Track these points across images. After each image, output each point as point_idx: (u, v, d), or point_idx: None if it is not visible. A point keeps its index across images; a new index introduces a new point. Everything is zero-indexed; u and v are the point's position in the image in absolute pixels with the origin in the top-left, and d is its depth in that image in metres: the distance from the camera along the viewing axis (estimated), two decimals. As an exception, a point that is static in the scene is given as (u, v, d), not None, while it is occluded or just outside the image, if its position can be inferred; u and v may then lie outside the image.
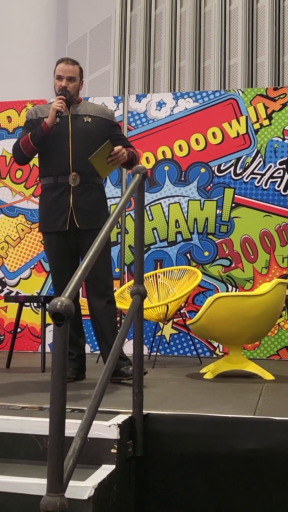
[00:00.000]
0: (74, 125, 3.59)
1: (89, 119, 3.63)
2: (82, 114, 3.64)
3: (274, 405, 2.86)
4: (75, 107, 3.67)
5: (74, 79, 3.63)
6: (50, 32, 8.99)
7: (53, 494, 1.63)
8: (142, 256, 2.63)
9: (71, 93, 3.61)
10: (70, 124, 3.59)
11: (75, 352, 3.70)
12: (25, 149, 3.58)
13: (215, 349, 5.40)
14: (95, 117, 3.65)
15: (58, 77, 3.63)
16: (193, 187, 5.56)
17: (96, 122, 3.63)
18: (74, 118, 3.62)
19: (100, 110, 3.72)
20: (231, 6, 8.50)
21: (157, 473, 2.49)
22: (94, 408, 1.96)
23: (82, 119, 3.62)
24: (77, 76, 3.65)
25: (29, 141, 3.55)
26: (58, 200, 3.57)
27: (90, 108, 3.70)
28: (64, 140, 3.57)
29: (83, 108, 3.68)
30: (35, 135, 3.54)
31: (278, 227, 5.36)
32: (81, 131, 3.58)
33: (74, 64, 3.66)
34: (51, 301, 1.64)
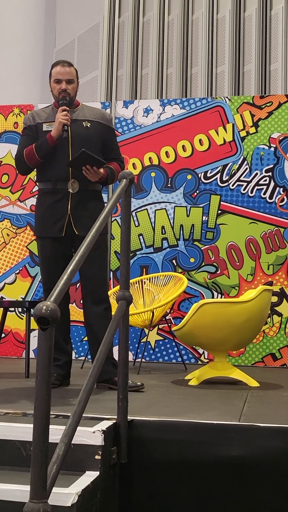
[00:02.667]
0: (74, 130, 3.56)
1: (88, 124, 3.61)
2: (81, 119, 3.62)
3: (259, 412, 2.86)
4: (74, 111, 3.64)
5: (72, 81, 3.62)
6: (38, 37, 8.98)
7: (36, 500, 1.61)
8: (128, 262, 2.62)
9: (71, 95, 3.60)
10: (69, 130, 3.54)
11: (62, 359, 3.67)
12: (30, 161, 3.57)
13: (200, 355, 5.40)
14: (94, 122, 3.63)
15: (57, 81, 3.60)
16: (179, 194, 5.57)
17: (95, 127, 3.61)
18: (73, 123, 3.58)
19: (98, 114, 3.69)
20: (219, 15, 8.55)
21: (141, 480, 2.48)
22: (79, 414, 1.95)
23: (81, 124, 3.60)
24: (74, 78, 3.64)
25: (34, 154, 3.54)
26: (56, 206, 3.54)
27: (88, 113, 3.68)
28: (63, 146, 3.54)
29: (82, 113, 3.66)
30: (40, 148, 3.52)
31: (263, 234, 5.38)
32: (80, 137, 3.56)
33: (70, 66, 3.64)
34: (37, 305, 1.63)
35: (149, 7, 8.94)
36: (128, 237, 2.63)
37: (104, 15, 9.14)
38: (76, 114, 3.64)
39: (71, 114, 3.60)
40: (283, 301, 5.29)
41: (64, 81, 3.59)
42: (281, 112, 5.46)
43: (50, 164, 3.57)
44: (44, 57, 9.13)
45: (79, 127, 3.59)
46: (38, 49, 8.98)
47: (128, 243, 2.62)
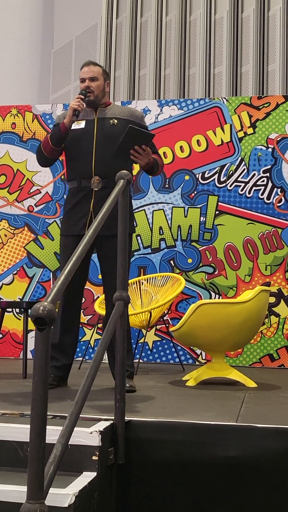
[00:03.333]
0: (100, 128, 3.57)
1: (116, 121, 3.60)
2: (108, 117, 3.61)
3: (256, 413, 2.86)
4: (103, 110, 3.64)
5: (96, 78, 3.61)
6: (35, 38, 8.99)
7: (33, 501, 1.61)
8: (125, 263, 2.62)
9: (95, 93, 3.59)
10: (96, 127, 3.56)
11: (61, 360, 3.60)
12: (45, 149, 3.60)
13: (198, 356, 5.39)
14: (122, 119, 3.60)
15: (82, 80, 3.64)
16: (177, 194, 5.57)
17: (123, 125, 3.55)
18: (101, 121, 3.59)
19: (128, 112, 3.67)
20: (216, 15, 8.56)
21: (139, 480, 2.47)
22: (76, 414, 1.94)
23: (108, 122, 3.60)
24: (99, 76, 3.63)
25: (48, 141, 3.56)
26: (80, 204, 3.55)
27: (118, 111, 3.67)
28: (88, 143, 3.55)
29: (111, 111, 3.65)
30: (53, 135, 3.55)
31: (261, 235, 5.38)
32: (106, 134, 3.55)
33: (95, 65, 3.67)
34: (34, 306, 1.63)
35: (147, 8, 8.95)
36: (126, 238, 2.63)
37: (101, 16, 9.14)
38: (105, 112, 3.63)
39: (100, 113, 3.62)
40: (281, 301, 5.29)
41: (87, 79, 3.61)
42: (279, 112, 5.46)
43: (75, 163, 3.58)
44: (42, 58, 9.14)
45: (106, 124, 3.59)
46: (35, 49, 8.98)
47: (125, 243, 2.62)
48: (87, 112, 3.64)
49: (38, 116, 5.94)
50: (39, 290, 5.75)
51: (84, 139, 3.56)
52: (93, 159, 3.51)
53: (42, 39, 9.13)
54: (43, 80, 9.17)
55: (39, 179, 5.88)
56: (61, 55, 9.42)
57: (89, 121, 3.58)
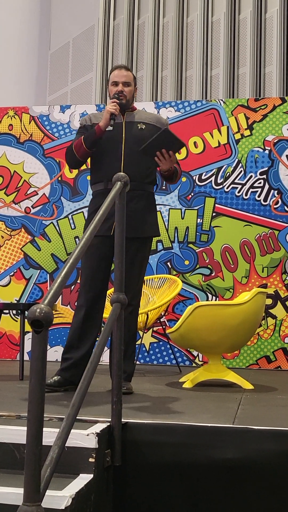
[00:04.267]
0: (128, 131, 3.59)
1: (143, 126, 3.63)
2: (136, 121, 3.64)
3: (253, 415, 2.86)
4: (130, 114, 3.67)
5: (129, 84, 3.64)
6: (33, 40, 8.99)
7: (30, 503, 1.61)
8: (123, 265, 2.62)
9: (127, 98, 3.62)
10: (124, 130, 3.58)
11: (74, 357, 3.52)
12: (77, 152, 3.59)
13: (195, 358, 5.40)
14: (149, 125, 3.64)
15: (114, 83, 3.64)
16: (174, 196, 5.57)
17: (150, 130, 3.61)
18: (129, 125, 3.62)
19: (154, 118, 3.71)
20: (213, 17, 8.57)
21: (136, 483, 2.47)
22: (73, 416, 1.94)
23: (136, 126, 3.62)
24: (131, 81, 3.66)
25: (82, 144, 3.56)
26: None
27: (144, 116, 3.71)
28: (117, 146, 3.56)
29: (138, 116, 3.68)
30: (88, 137, 3.55)
31: (258, 237, 5.39)
32: (134, 138, 3.57)
33: (128, 70, 3.68)
34: (31, 308, 1.63)
35: (144, 9, 8.95)
36: (123, 239, 2.63)
37: (99, 17, 9.14)
38: (132, 116, 3.66)
39: (128, 117, 3.64)
40: (278, 303, 5.30)
41: (121, 83, 3.63)
42: (276, 114, 5.47)
43: (102, 165, 3.58)
44: (39, 59, 9.14)
45: (134, 128, 3.61)
46: (33, 51, 8.98)
47: (122, 245, 2.62)
48: None
49: (35, 117, 5.94)
50: (36, 291, 5.74)
51: (112, 141, 3.57)
52: (121, 162, 3.53)
53: (39, 40, 9.13)
54: (40, 81, 9.17)
55: (36, 180, 5.87)
56: (58, 56, 9.42)
57: (117, 124, 3.58)
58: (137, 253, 3.55)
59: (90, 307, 3.52)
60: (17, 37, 8.62)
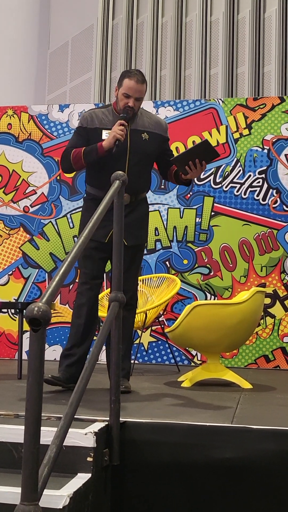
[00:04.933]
0: (133, 142, 3.54)
1: (147, 136, 3.59)
2: (140, 130, 3.59)
3: (251, 414, 2.86)
4: (133, 120, 3.60)
5: (141, 99, 3.56)
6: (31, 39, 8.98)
7: (27, 503, 1.60)
8: (121, 263, 2.62)
9: (135, 111, 3.55)
10: (129, 140, 3.53)
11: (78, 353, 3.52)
12: (75, 163, 3.54)
13: (193, 357, 5.39)
14: (152, 134, 3.61)
15: (126, 95, 3.51)
16: (172, 195, 5.57)
17: (153, 139, 3.60)
18: (133, 133, 3.56)
19: (156, 124, 3.65)
20: (212, 17, 8.56)
21: (134, 482, 2.47)
22: (70, 415, 1.94)
23: (140, 136, 3.57)
24: (143, 95, 3.57)
25: (81, 158, 3.50)
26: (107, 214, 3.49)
27: (147, 122, 3.64)
28: (121, 157, 3.50)
29: (141, 122, 3.62)
30: (88, 154, 3.48)
31: (256, 236, 5.38)
32: (138, 149, 3.54)
33: (143, 83, 3.55)
34: (28, 307, 1.62)
35: (143, 9, 8.95)
36: (121, 238, 2.63)
37: (98, 17, 9.14)
38: (136, 123, 3.59)
39: (131, 123, 3.57)
40: (276, 303, 5.29)
41: (134, 98, 3.52)
42: (275, 114, 5.46)
43: (104, 172, 3.45)
44: (38, 59, 9.13)
45: (138, 137, 3.57)
46: (32, 50, 8.97)
47: (120, 244, 2.62)
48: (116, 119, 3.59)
49: (34, 116, 5.93)
50: (34, 290, 5.74)
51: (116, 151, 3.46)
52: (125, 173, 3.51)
53: (39, 40, 9.12)
54: (39, 81, 9.16)
55: (35, 179, 5.87)
56: (57, 56, 9.41)
57: None
58: (136, 258, 3.61)
59: (92, 306, 3.55)
60: (16, 36, 8.61)
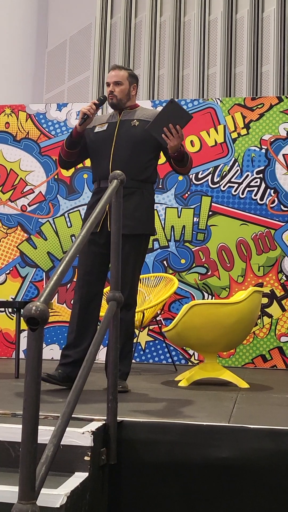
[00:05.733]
0: (120, 129, 3.60)
1: (137, 122, 3.60)
2: (130, 119, 3.63)
3: (248, 413, 2.86)
4: (128, 113, 3.66)
5: (120, 83, 3.61)
6: (30, 38, 8.97)
7: (25, 501, 1.60)
8: (119, 263, 2.62)
9: (118, 97, 3.60)
10: (116, 129, 3.60)
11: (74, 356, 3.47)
12: (62, 152, 3.66)
13: (191, 356, 5.40)
14: (144, 121, 3.59)
15: (107, 84, 3.66)
16: (170, 195, 5.57)
17: (143, 126, 3.56)
18: (122, 123, 3.62)
19: (151, 115, 3.64)
20: (211, 16, 8.57)
21: (131, 481, 2.47)
22: (68, 414, 1.94)
23: (129, 123, 3.61)
24: (124, 80, 3.63)
25: (63, 144, 3.63)
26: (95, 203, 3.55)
27: (142, 113, 3.67)
28: (107, 145, 3.58)
29: (135, 114, 3.66)
30: (67, 138, 3.61)
31: (254, 236, 5.39)
32: (125, 135, 3.57)
33: (120, 69, 3.66)
34: (26, 306, 1.62)
35: (141, 8, 8.95)
36: (119, 238, 2.63)
37: (96, 16, 9.13)
38: (130, 115, 3.65)
39: (124, 115, 3.64)
40: (273, 302, 5.30)
41: (112, 83, 3.62)
42: (272, 114, 5.47)
43: (95, 165, 3.62)
44: (36, 58, 9.12)
45: (126, 127, 3.60)
46: (30, 49, 8.96)
47: (118, 243, 2.62)
48: (112, 115, 3.69)
49: (31, 115, 5.93)
50: (32, 290, 5.74)
51: (104, 141, 3.59)
52: (110, 160, 3.53)
53: (37, 38, 9.12)
54: (37, 79, 9.16)
55: (32, 178, 5.87)
56: (55, 55, 9.41)
57: (111, 123, 3.61)
58: (130, 251, 3.50)
59: (85, 304, 3.49)
60: (14, 35, 8.60)
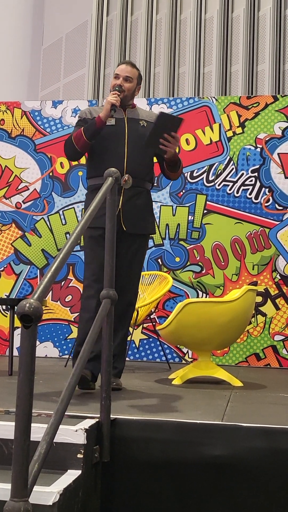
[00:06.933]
0: (131, 128, 3.58)
1: (145, 123, 3.62)
2: (138, 118, 3.64)
3: (242, 412, 2.86)
4: (131, 111, 3.66)
5: (130, 79, 3.60)
6: (25, 35, 8.95)
7: (17, 499, 1.60)
8: (113, 260, 2.61)
9: (126, 93, 3.58)
10: (126, 127, 3.58)
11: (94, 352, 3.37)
12: (77, 143, 3.53)
13: (184, 355, 5.40)
14: (150, 123, 3.61)
15: (116, 76, 3.61)
16: (165, 193, 5.57)
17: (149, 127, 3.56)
18: (131, 121, 3.61)
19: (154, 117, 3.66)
20: (207, 15, 8.56)
21: (124, 479, 2.47)
22: (61, 412, 1.94)
23: (138, 123, 3.62)
24: (134, 78, 3.62)
25: (82, 135, 3.51)
26: None
27: (145, 114, 3.71)
28: (120, 142, 3.54)
29: (138, 113, 3.68)
30: (88, 128, 3.51)
31: (249, 235, 5.39)
32: (137, 134, 3.56)
33: (133, 67, 3.65)
34: (20, 303, 1.62)
35: (137, 6, 8.94)
36: (113, 235, 2.62)
37: (92, 13, 9.12)
38: (135, 113, 3.66)
39: (129, 113, 3.64)
40: (268, 301, 5.31)
41: (122, 77, 3.59)
42: (268, 113, 5.47)
43: (105, 160, 3.51)
44: (32, 55, 9.11)
45: (136, 125, 3.61)
46: (25, 46, 8.95)
47: (113, 241, 2.61)
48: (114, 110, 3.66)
49: (27, 112, 5.91)
50: (26, 287, 5.73)
51: (115, 136, 3.55)
52: (125, 158, 3.51)
53: (32, 35, 9.10)
54: (33, 76, 9.14)
55: (27, 175, 5.85)
56: (51, 52, 9.38)
57: (119, 119, 3.58)
58: (138, 252, 3.54)
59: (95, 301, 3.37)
60: (10, 32, 8.58)
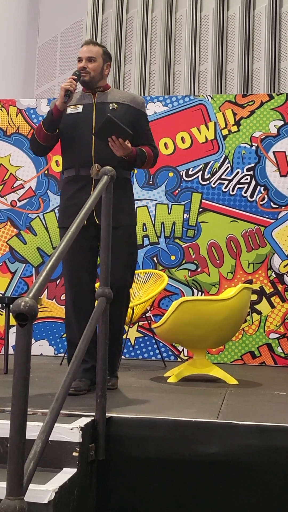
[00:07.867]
0: (99, 113, 3.34)
1: (115, 106, 3.38)
2: (108, 102, 3.40)
3: (237, 410, 2.87)
4: (102, 94, 3.43)
5: (94, 59, 3.38)
6: (21, 33, 8.94)
7: (13, 497, 1.60)
8: (108, 258, 2.61)
9: (91, 74, 3.38)
10: (94, 112, 3.37)
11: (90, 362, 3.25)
12: (38, 136, 3.38)
13: (180, 353, 5.40)
14: (122, 104, 3.40)
15: (79, 59, 3.41)
16: (161, 191, 5.57)
17: (123, 110, 3.38)
18: (100, 105, 3.38)
19: (129, 98, 3.46)
20: (202, 13, 8.56)
21: (119, 477, 2.47)
22: (57, 410, 1.94)
23: (107, 106, 3.38)
24: (98, 57, 3.40)
25: (41, 127, 3.35)
26: (78, 194, 3.32)
27: (118, 95, 3.46)
28: (87, 129, 3.33)
29: (110, 96, 3.44)
30: (46, 119, 3.34)
31: (244, 233, 5.40)
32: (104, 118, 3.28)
33: (95, 45, 3.44)
34: (15, 301, 1.62)
35: (132, 4, 8.93)
36: (109, 234, 2.62)
37: (87, 11, 9.10)
38: (104, 97, 3.43)
39: (99, 97, 3.42)
40: (263, 299, 5.31)
41: (85, 58, 3.38)
42: (263, 111, 5.47)
43: (73, 150, 3.36)
44: (27, 52, 9.09)
45: (105, 109, 3.36)
46: (20, 43, 8.93)
47: (108, 239, 2.62)
48: (84, 96, 3.45)
49: (22, 110, 5.90)
50: (21, 285, 5.72)
51: (82, 124, 3.35)
52: (92, 146, 3.31)
53: (28, 33, 9.08)
54: (28, 74, 9.12)
55: (23, 174, 5.85)
56: (46, 49, 9.37)
57: (86, 105, 3.39)
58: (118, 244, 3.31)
59: (79, 302, 3.31)
60: (5, 29, 8.56)
